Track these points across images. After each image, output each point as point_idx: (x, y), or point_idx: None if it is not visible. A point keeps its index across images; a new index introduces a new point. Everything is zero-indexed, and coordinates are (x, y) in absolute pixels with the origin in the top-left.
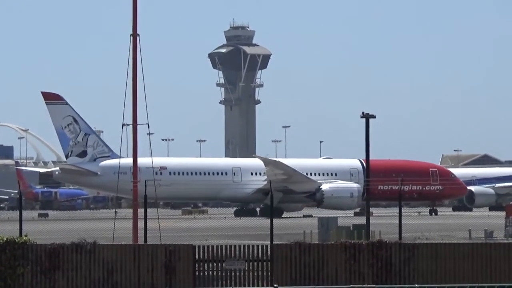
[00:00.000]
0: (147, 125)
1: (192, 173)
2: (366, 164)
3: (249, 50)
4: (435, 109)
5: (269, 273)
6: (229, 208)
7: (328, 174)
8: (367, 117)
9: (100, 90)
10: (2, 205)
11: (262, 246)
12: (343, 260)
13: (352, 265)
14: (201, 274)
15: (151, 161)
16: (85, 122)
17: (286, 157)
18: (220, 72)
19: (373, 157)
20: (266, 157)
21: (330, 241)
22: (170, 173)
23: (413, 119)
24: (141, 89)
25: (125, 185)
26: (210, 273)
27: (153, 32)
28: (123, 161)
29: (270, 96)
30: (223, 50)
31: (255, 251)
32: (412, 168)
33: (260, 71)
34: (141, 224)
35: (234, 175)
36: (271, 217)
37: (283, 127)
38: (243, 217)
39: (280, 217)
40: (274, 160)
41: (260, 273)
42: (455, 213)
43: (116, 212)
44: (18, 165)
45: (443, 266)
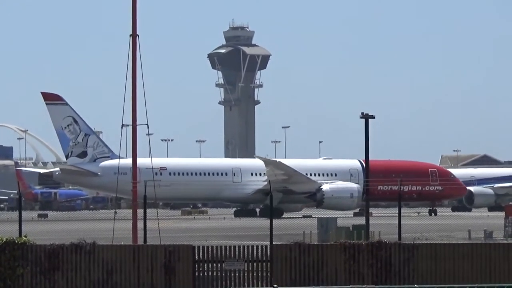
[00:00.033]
0: (146, 125)
1: (192, 174)
2: (365, 165)
3: (248, 50)
4: (434, 109)
5: (268, 274)
6: (228, 209)
7: (328, 175)
8: (366, 117)
9: (99, 90)
10: (2, 205)
11: (261, 246)
12: (343, 261)
13: (352, 266)
14: (201, 274)
15: (151, 161)
16: (85, 123)
17: (285, 157)
18: (220, 73)
19: (373, 158)
20: (266, 157)
21: (330, 241)
22: (170, 173)
23: (412, 119)
24: (141, 89)
25: (125, 185)
26: (210, 273)
27: (152, 33)
28: (123, 162)
29: (269, 96)
30: (222, 51)
31: (254, 251)
32: (412, 169)
33: (259, 71)
34: (140, 224)
35: (234, 175)
36: (271, 218)
37: (282, 127)
38: (242, 217)
39: (280, 217)
40: (275, 160)
41: (259, 274)
42: (454, 213)
43: (115, 213)
44: (17, 165)
45: (442, 266)
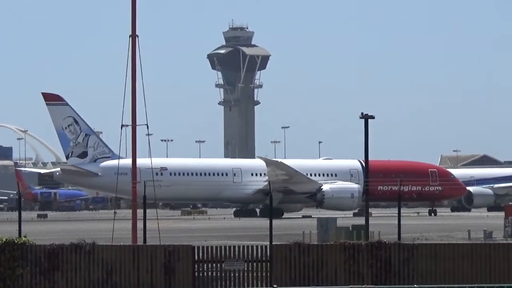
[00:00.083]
0: (146, 126)
1: (192, 174)
2: (365, 165)
3: (248, 51)
4: (434, 109)
5: (268, 274)
6: (228, 209)
7: (328, 175)
8: (366, 117)
9: (99, 91)
10: (1, 206)
11: (261, 246)
12: (343, 261)
13: (352, 266)
14: (201, 274)
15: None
16: (85, 123)
17: (285, 157)
18: (219, 73)
19: (372, 158)
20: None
21: (329, 241)
22: (171, 173)
23: (412, 119)
24: (140, 90)
25: (126, 185)
26: (210, 273)
27: (152, 33)
28: (123, 162)
29: (269, 96)
30: (222, 51)
31: (254, 251)
32: (412, 169)
33: (259, 72)
34: (140, 224)
35: (235, 175)
36: (271, 218)
37: (282, 127)
38: (242, 217)
39: (280, 217)
40: (276, 160)
41: (259, 274)
42: (454, 213)
43: (115, 213)
44: (17, 166)
45: (442, 266)
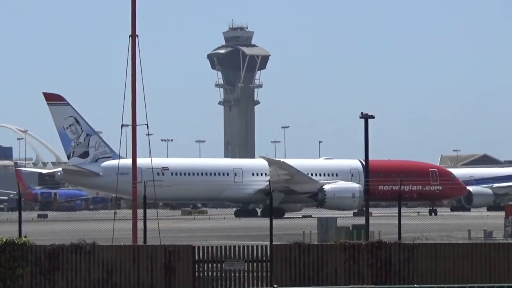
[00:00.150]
0: (146, 125)
1: (193, 174)
2: (365, 165)
3: (248, 50)
4: (434, 109)
5: (268, 274)
6: (228, 209)
7: (329, 175)
8: (366, 117)
9: (99, 91)
10: (2, 206)
11: (261, 246)
12: (343, 261)
13: (352, 266)
14: (201, 274)
15: (153, 161)
16: (86, 123)
17: (285, 157)
18: (219, 73)
19: (372, 158)
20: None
21: (330, 241)
22: (172, 173)
23: (412, 119)
24: (140, 90)
25: (127, 185)
26: (210, 273)
27: (152, 33)
28: (124, 162)
29: (269, 96)
30: (222, 51)
31: (254, 251)
32: (412, 169)
33: (259, 71)
34: (140, 224)
35: (236, 175)
36: (271, 218)
37: (282, 127)
38: (243, 217)
39: (281, 217)
40: (278, 160)
41: (259, 274)
42: (454, 213)
43: (115, 213)
44: (17, 166)
45: (442, 266)
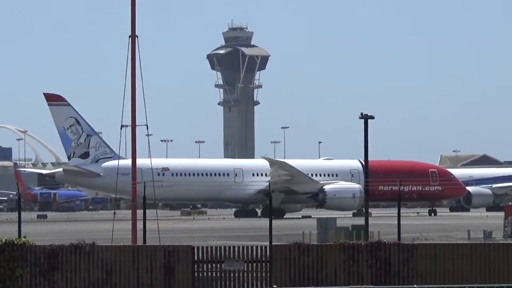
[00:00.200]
0: (146, 126)
1: (194, 174)
2: (365, 165)
3: (247, 51)
4: (433, 109)
5: (268, 274)
6: (228, 209)
7: (329, 175)
8: (365, 118)
9: (99, 91)
10: (1, 206)
11: (261, 247)
12: (342, 261)
13: (351, 266)
14: (200, 275)
15: (153, 162)
16: (87, 123)
17: (285, 158)
18: (219, 73)
19: (372, 158)
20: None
21: (329, 241)
22: (172, 174)
23: (412, 119)
24: (140, 90)
25: (127, 186)
26: (209, 274)
27: (151, 34)
28: (125, 162)
29: (268, 97)
30: (221, 51)
31: (254, 252)
32: (412, 169)
33: (258, 72)
34: (140, 225)
35: (236, 176)
36: (270, 218)
37: (281, 128)
38: (243, 218)
39: (282, 217)
40: (280, 160)
41: (259, 274)
42: (454, 213)
43: (115, 213)
44: (16, 166)
45: (442, 266)
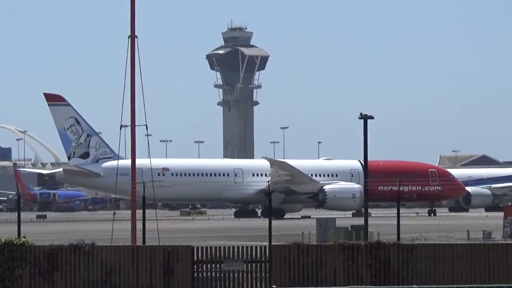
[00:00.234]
0: (145, 126)
1: (194, 175)
2: (364, 165)
3: (247, 51)
4: (433, 109)
5: (267, 274)
6: (227, 209)
7: (329, 175)
8: (365, 118)
9: (98, 91)
10: (1, 206)
11: (260, 247)
12: (342, 261)
13: (351, 266)
14: (200, 275)
15: (154, 162)
16: (87, 124)
17: (284, 158)
18: (218, 74)
19: (371, 158)
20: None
21: (329, 242)
22: (173, 174)
23: (411, 119)
24: (139, 90)
25: (127, 186)
26: (209, 274)
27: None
28: (125, 163)
29: (268, 97)
30: (221, 52)
31: (253, 252)
32: (412, 169)
33: (258, 72)
34: (139, 225)
35: (236, 176)
36: (270, 218)
37: (281, 128)
38: (243, 218)
39: (282, 218)
40: (280, 160)
41: (258, 274)
42: (453, 214)
43: (114, 214)
44: (16, 166)
45: (441, 266)
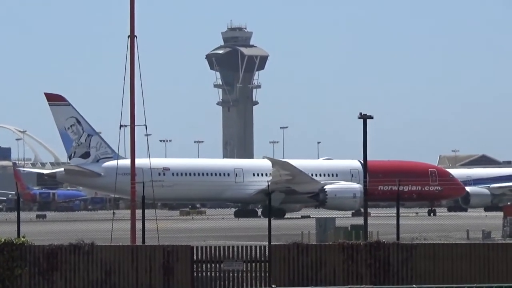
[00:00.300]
0: (145, 126)
1: (194, 174)
2: (363, 165)
3: (246, 51)
4: (432, 109)
5: (267, 274)
6: (227, 209)
7: (329, 175)
8: (364, 117)
9: (98, 91)
10: (0, 206)
11: (260, 246)
12: (341, 261)
13: (350, 266)
14: (199, 275)
15: (154, 162)
16: (88, 123)
17: (283, 157)
18: (218, 73)
19: (371, 158)
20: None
21: (328, 241)
22: (173, 174)
23: (411, 119)
24: (139, 90)
25: (128, 186)
26: (208, 274)
27: (150, 34)
28: (125, 162)
29: (267, 97)
30: (220, 51)
31: (253, 252)
32: (412, 169)
33: (257, 72)
34: (139, 225)
35: (236, 176)
36: (269, 218)
37: (280, 128)
38: (243, 218)
39: (282, 217)
40: (282, 160)
41: (258, 274)
42: (452, 213)
43: (114, 213)
44: (16, 166)
45: (441, 266)
